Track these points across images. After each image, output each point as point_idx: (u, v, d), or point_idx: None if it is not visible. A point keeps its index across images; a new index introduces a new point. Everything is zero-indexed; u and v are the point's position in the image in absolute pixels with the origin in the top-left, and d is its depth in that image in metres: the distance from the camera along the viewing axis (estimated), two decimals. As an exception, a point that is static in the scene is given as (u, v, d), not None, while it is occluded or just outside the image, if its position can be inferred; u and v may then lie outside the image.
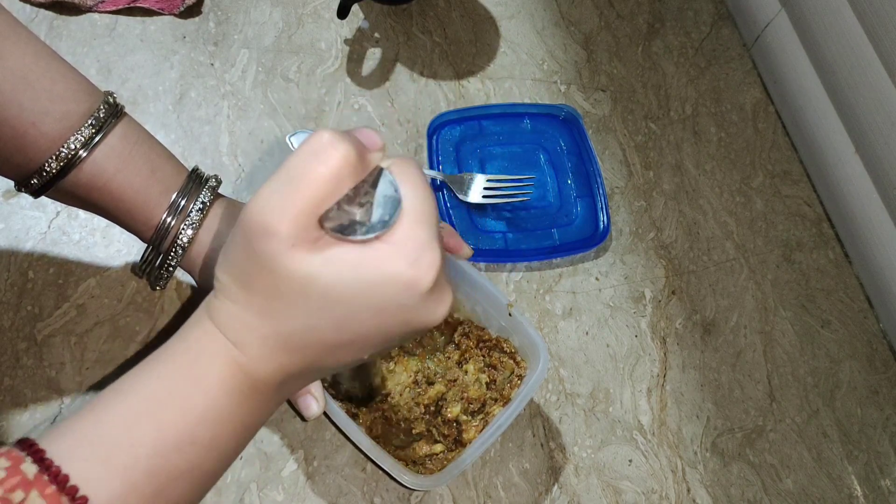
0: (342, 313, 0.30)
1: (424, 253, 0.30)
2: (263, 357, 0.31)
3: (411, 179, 0.31)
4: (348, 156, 0.29)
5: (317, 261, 0.29)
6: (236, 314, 0.31)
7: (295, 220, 0.29)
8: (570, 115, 0.63)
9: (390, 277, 0.29)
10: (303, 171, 0.29)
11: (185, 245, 0.43)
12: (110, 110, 0.41)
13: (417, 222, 0.30)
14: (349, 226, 0.29)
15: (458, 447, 0.49)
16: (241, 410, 0.32)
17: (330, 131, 0.29)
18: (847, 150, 0.63)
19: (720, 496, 0.53)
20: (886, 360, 0.61)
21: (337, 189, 0.29)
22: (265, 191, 0.29)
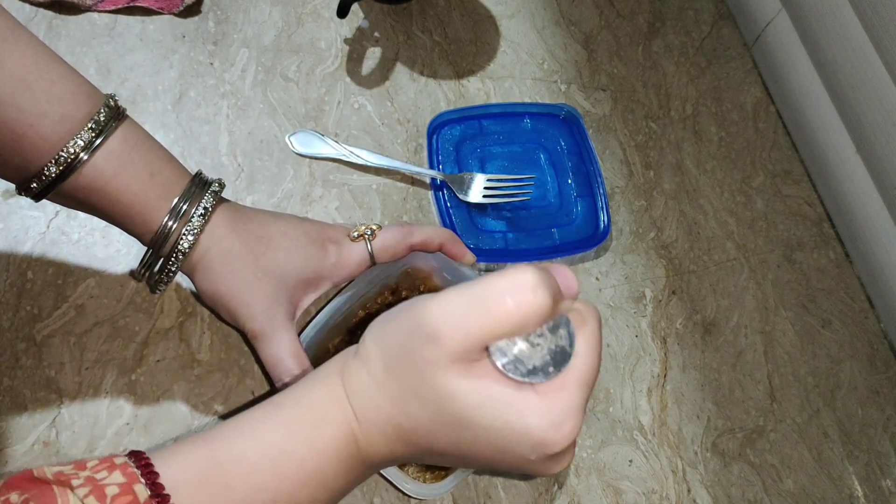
0: (467, 437, 0.30)
1: (570, 419, 0.30)
2: (379, 440, 0.32)
3: (590, 338, 0.31)
4: (544, 305, 0.29)
5: (466, 384, 0.29)
6: (369, 390, 0.31)
7: (465, 340, 0.29)
8: (571, 114, 0.63)
9: (527, 431, 0.29)
10: (494, 301, 0.29)
11: (185, 250, 0.42)
12: (111, 113, 0.41)
13: (578, 385, 0.30)
14: (512, 360, 0.29)
15: None
16: (342, 478, 0.33)
17: (536, 273, 0.29)
18: (848, 149, 0.63)
19: (720, 496, 0.53)
20: (887, 360, 0.61)
21: (519, 330, 0.29)
22: (451, 300, 0.29)
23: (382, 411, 0.31)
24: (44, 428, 0.47)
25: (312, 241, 0.47)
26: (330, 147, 0.58)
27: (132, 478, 0.28)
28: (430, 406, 0.30)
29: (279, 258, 0.45)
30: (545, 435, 0.29)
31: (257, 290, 0.44)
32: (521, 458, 0.30)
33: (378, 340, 0.32)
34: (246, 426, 0.32)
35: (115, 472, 0.28)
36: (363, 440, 0.32)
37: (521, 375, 0.29)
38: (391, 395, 0.31)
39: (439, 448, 0.31)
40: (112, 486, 0.28)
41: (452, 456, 0.32)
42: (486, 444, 0.30)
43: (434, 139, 0.60)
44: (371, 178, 0.59)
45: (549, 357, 0.29)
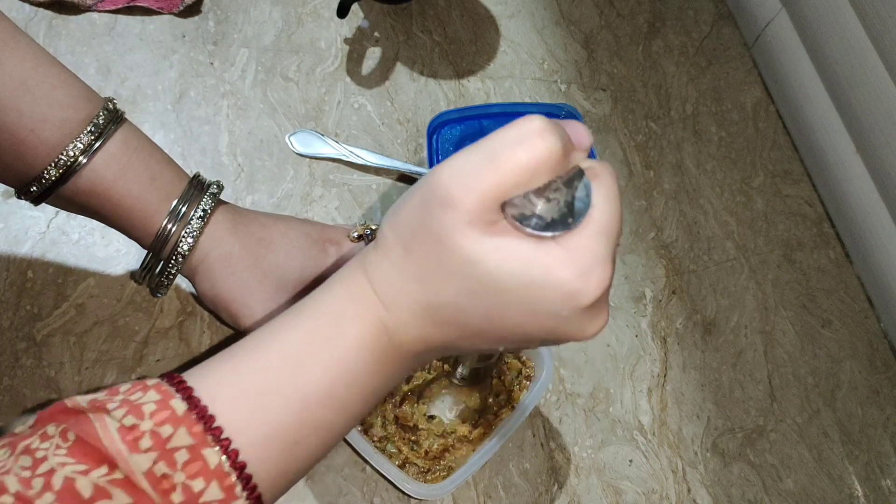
0: (496, 303, 0.29)
1: (597, 267, 0.29)
2: (409, 323, 0.31)
3: (607, 189, 0.30)
4: (554, 150, 0.28)
5: (488, 245, 0.28)
6: (392, 274, 0.31)
7: (480, 198, 0.28)
8: (571, 114, 0.63)
9: (555, 283, 0.28)
10: (504, 153, 0.28)
11: (185, 253, 0.42)
12: (110, 116, 0.41)
13: (600, 234, 0.29)
14: (530, 217, 0.28)
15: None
16: (377, 373, 0.32)
17: (542, 120, 0.28)
18: (848, 149, 0.63)
19: (721, 496, 0.53)
20: (887, 359, 0.61)
21: (532, 180, 0.28)
22: (459, 161, 0.28)
23: (410, 293, 0.30)
24: (44, 428, 0.47)
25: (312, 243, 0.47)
26: (330, 147, 0.58)
27: (167, 395, 0.28)
28: (455, 275, 0.29)
29: (279, 260, 0.45)
30: (573, 285, 0.28)
31: (258, 292, 0.44)
32: (554, 315, 0.29)
33: (393, 224, 0.31)
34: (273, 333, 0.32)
35: (150, 392, 0.29)
36: (393, 327, 0.31)
37: (540, 230, 0.28)
38: (415, 274, 0.30)
39: (471, 322, 0.30)
40: (149, 403, 0.28)
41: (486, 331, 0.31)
42: (516, 306, 0.29)
43: (434, 139, 0.60)
44: (371, 178, 0.59)
45: (566, 209, 0.29)
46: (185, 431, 0.28)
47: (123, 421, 0.27)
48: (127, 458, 0.26)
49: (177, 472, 0.27)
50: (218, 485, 0.28)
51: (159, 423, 0.27)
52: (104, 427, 0.27)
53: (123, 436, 0.27)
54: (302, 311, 0.32)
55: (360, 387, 0.32)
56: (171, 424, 0.28)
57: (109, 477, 0.26)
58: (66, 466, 0.26)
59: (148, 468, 0.27)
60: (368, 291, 0.31)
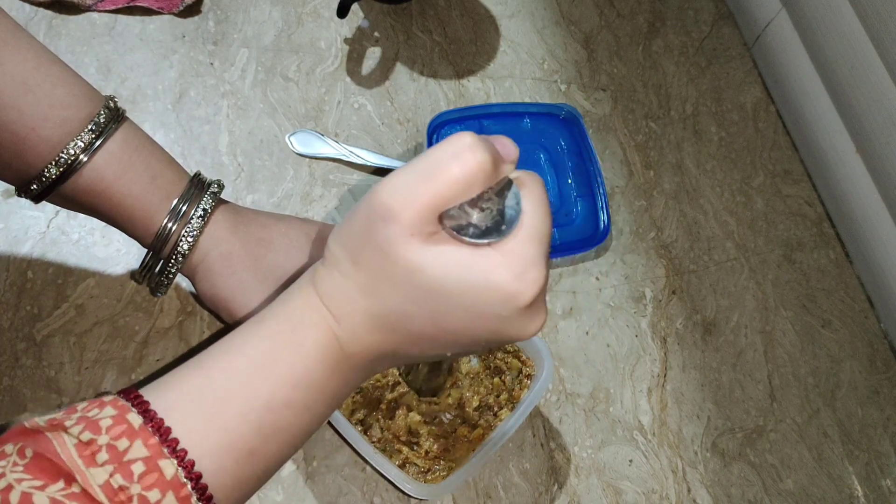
0: (440, 308, 0.31)
1: (531, 269, 0.31)
2: (359, 332, 0.33)
3: (535, 196, 0.32)
4: (484, 163, 0.30)
5: (429, 254, 0.30)
6: (341, 286, 0.32)
7: (419, 211, 0.30)
8: (571, 114, 0.63)
9: (493, 285, 0.30)
10: (438, 168, 0.30)
11: (185, 252, 0.42)
12: (111, 115, 0.41)
13: (532, 238, 0.31)
14: (466, 227, 0.30)
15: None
16: (333, 379, 0.33)
17: (472, 135, 0.30)
18: (848, 149, 0.63)
19: (721, 496, 0.53)
20: (887, 360, 0.61)
21: (466, 192, 0.30)
22: (397, 178, 0.30)
23: (357, 304, 0.32)
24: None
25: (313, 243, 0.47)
26: (330, 147, 0.58)
27: (124, 409, 0.29)
28: (399, 285, 0.31)
29: (279, 260, 0.45)
30: (511, 286, 0.30)
31: (258, 291, 0.44)
32: (495, 317, 0.31)
33: (339, 239, 0.32)
34: (230, 345, 0.33)
35: (107, 408, 0.29)
36: (344, 337, 0.33)
37: (476, 238, 0.30)
38: (362, 285, 0.32)
39: (418, 329, 0.32)
40: (105, 418, 0.29)
41: (433, 337, 0.33)
42: (460, 311, 0.31)
43: (434, 139, 0.60)
44: (371, 178, 0.59)
45: (499, 217, 0.31)
46: (140, 444, 0.28)
47: (81, 437, 0.28)
48: (84, 471, 0.27)
49: (133, 484, 0.28)
50: (174, 495, 0.28)
51: (116, 437, 0.28)
52: (62, 443, 0.28)
53: (81, 451, 0.28)
54: (261, 320, 0.34)
55: (319, 391, 0.33)
56: (127, 438, 0.28)
57: (66, 491, 0.26)
58: (24, 482, 0.26)
59: (104, 481, 0.27)
60: (319, 304, 0.33)
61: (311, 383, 0.33)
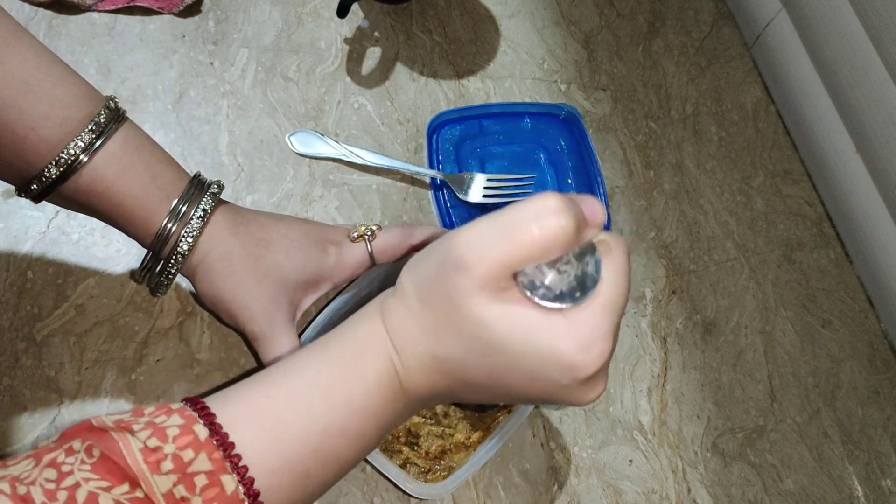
0: (499, 364, 0.31)
1: (598, 342, 0.30)
2: (417, 369, 0.33)
3: (617, 266, 0.32)
4: (567, 229, 0.29)
5: (496, 310, 0.30)
6: (406, 323, 0.32)
7: (492, 268, 0.29)
8: (571, 114, 0.63)
9: (556, 354, 0.30)
10: (519, 227, 0.29)
11: (185, 252, 0.42)
12: (111, 115, 0.41)
13: (605, 310, 0.31)
14: (540, 287, 0.30)
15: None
16: (387, 411, 0.34)
17: (559, 198, 0.30)
18: (848, 149, 0.63)
19: (721, 496, 0.53)
20: (887, 360, 0.61)
21: (545, 255, 0.30)
22: (477, 228, 0.30)
23: (419, 343, 0.32)
24: (44, 428, 0.47)
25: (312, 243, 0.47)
26: (330, 147, 0.58)
27: (191, 420, 0.29)
28: (463, 334, 0.31)
29: (279, 260, 0.45)
30: (574, 358, 0.30)
31: (258, 292, 0.44)
32: (554, 383, 0.31)
33: (412, 275, 0.33)
34: (295, 366, 0.33)
35: (174, 416, 0.30)
36: (403, 373, 0.33)
37: (548, 301, 0.30)
38: (426, 326, 0.32)
39: (474, 378, 0.32)
40: (172, 427, 0.29)
41: (488, 388, 0.33)
42: (518, 370, 0.31)
43: (434, 139, 0.60)
44: (371, 178, 0.59)
45: (575, 283, 0.30)
46: (205, 457, 0.29)
47: (147, 442, 0.28)
48: (149, 478, 0.27)
49: (195, 497, 0.28)
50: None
51: (182, 447, 0.28)
52: (128, 446, 0.28)
53: (146, 456, 0.28)
54: (326, 344, 0.34)
55: (375, 421, 0.33)
56: (192, 449, 0.29)
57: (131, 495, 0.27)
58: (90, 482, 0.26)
59: (168, 490, 0.27)
60: (383, 335, 0.33)
61: (368, 413, 0.33)
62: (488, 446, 0.47)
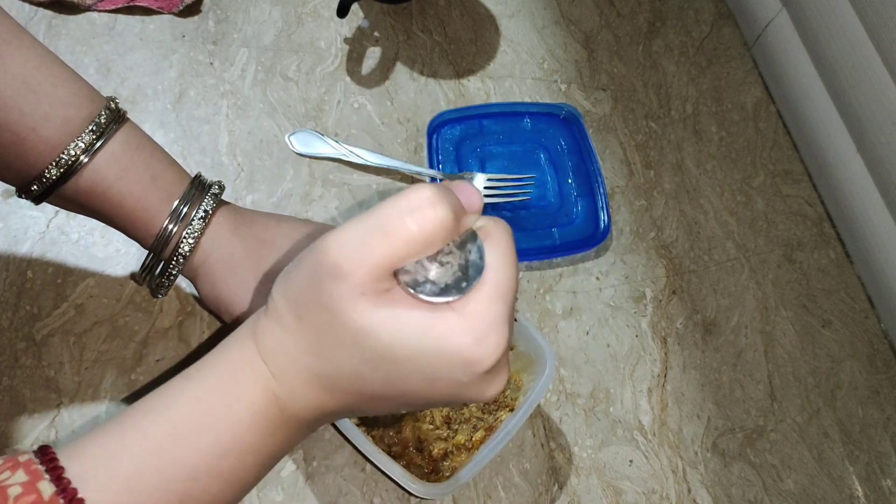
0: (393, 371, 0.29)
1: (493, 332, 0.28)
2: (302, 392, 0.30)
3: (501, 248, 0.30)
4: (445, 219, 0.28)
5: (380, 315, 0.28)
6: (283, 343, 0.30)
7: (371, 270, 0.27)
8: (571, 114, 0.63)
9: (452, 351, 0.28)
10: (393, 224, 0.27)
11: (186, 254, 0.42)
12: (112, 116, 0.41)
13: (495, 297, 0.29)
14: (423, 283, 0.28)
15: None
16: (268, 442, 0.31)
17: (432, 189, 0.28)
18: (848, 149, 0.63)
19: (721, 496, 0.53)
20: (888, 360, 0.61)
21: (424, 249, 0.28)
22: (348, 231, 0.28)
23: (301, 363, 0.30)
24: (43, 428, 0.47)
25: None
26: (330, 147, 0.58)
27: (36, 475, 0.27)
28: (348, 346, 0.28)
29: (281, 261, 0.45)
30: (470, 352, 0.28)
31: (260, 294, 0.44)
32: (454, 382, 0.29)
33: (284, 291, 0.30)
34: (154, 404, 0.30)
35: (19, 471, 0.27)
36: (285, 397, 0.30)
37: (434, 296, 0.28)
38: (308, 344, 0.29)
39: (371, 391, 0.30)
40: (15, 486, 0.27)
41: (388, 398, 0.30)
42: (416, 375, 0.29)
43: (434, 139, 0.60)
44: (371, 177, 0.59)
45: (460, 273, 0.28)
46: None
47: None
48: None
49: None
50: None
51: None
52: None
53: None
54: (190, 379, 0.31)
55: (251, 457, 0.31)
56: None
57: None
58: None
59: None
60: (258, 362, 0.30)
61: (242, 450, 0.30)
62: (490, 446, 0.47)
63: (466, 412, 0.50)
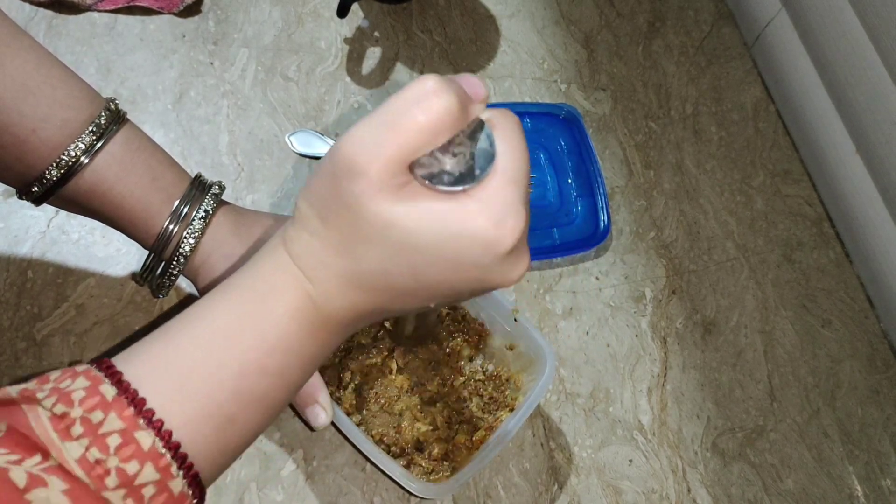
0: (419, 261, 0.30)
1: (510, 214, 0.29)
2: (335, 293, 0.31)
3: (509, 136, 0.31)
4: (451, 107, 0.28)
5: (401, 207, 0.29)
6: (313, 247, 0.31)
7: (386, 164, 0.28)
8: (571, 114, 0.63)
9: (473, 234, 0.29)
10: (402, 117, 0.28)
11: (186, 254, 0.42)
12: (111, 117, 0.41)
13: (508, 181, 0.30)
14: (439, 174, 0.29)
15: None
16: (309, 343, 0.32)
17: (435, 78, 0.29)
18: (848, 149, 0.63)
19: (720, 496, 0.53)
20: (887, 359, 0.61)
21: (434, 139, 0.29)
22: (359, 129, 0.29)
23: (331, 264, 0.31)
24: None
25: None
26: (330, 147, 0.58)
27: (96, 380, 0.29)
28: (374, 241, 0.29)
29: None
30: (490, 233, 0.29)
31: None
32: (477, 266, 0.30)
33: (307, 198, 0.31)
34: (200, 311, 0.32)
35: (79, 378, 0.29)
36: (320, 299, 0.31)
37: (450, 185, 0.29)
38: (335, 245, 0.30)
39: (399, 285, 0.31)
40: (78, 390, 0.28)
41: (414, 291, 0.31)
42: (439, 262, 0.30)
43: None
44: (371, 177, 0.59)
45: (472, 161, 0.29)
46: (115, 416, 0.28)
47: (54, 409, 0.27)
48: (59, 447, 0.27)
49: (110, 457, 0.27)
50: (153, 466, 0.28)
51: (89, 410, 0.28)
52: (36, 417, 0.27)
53: (55, 424, 0.27)
54: (229, 287, 0.32)
55: (296, 355, 0.32)
56: (101, 410, 0.28)
57: (43, 465, 0.26)
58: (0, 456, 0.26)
59: (80, 455, 0.27)
60: (291, 266, 0.32)
61: (286, 349, 0.32)
62: (490, 446, 0.47)
63: (467, 412, 0.50)
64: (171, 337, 0.31)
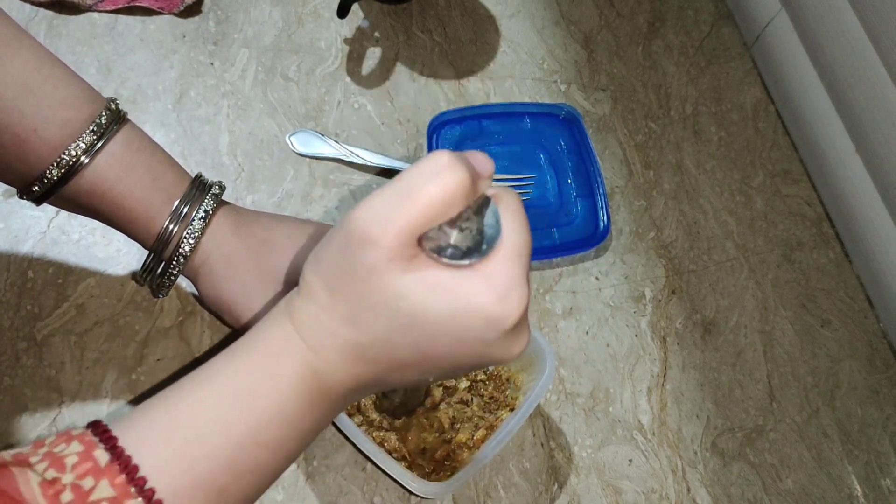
0: (423, 334, 0.30)
1: (514, 290, 0.30)
2: (339, 364, 0.32)
3: (514, 213, 0.31)
4: (463, 182, 0.29)
5: (411, 279, 0.29)
6: (318, 318, 0.31)
7: (398, 235, 0.29)
8: (571, 114, 0.63)
9: (477, 310, 0.30)
10: (416, 189, 0.29)
11: (186, 254, 0.42)
12: (112, 116, 0.41)
13: (513, 257, 0.30)
14: (446, 248, 0.30)
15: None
16: (308, 415, 0.33)
17: (449, 154, 0.29)
18: (847, 149, 0.63)
19: (720, 496, 0.53)
20: (887, 359, 0.61)
21: (446, 212, 0.29)
22: (374, 201, 0.29)
23: (338, 335, 0.31)
24: (44, 427, 0.47)
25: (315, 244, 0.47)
26: (330, 147, 0.58)
27: (91, 445, 0.28)
28: (382, 312, 0.30)
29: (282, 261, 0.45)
30: (494, 309, 0.29)
31: (261, 294, 0.44)
32: (480, 341, 0.30)
33: (315, 269, 0.32)
34: (200, 378, 0.32)
35: (73, 443, 0.29)
36: (322, 369, 0.32)
37: (457, 259, 0.30)
38: (342, 316, 0.31)
39: (401, 357, 0.31)
40: (72, 455, 0.28)
41: (416, 363, 0.32)
42: (443, 337, 0.30)
43: (434, 139, 0.60)
44: (371, 178, 0.59)
45: (479, 237, 0.30)
46: (107, 483, 0.27)
47: (45, 474, 0.27)
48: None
49: None
50: None
51: (81, 476, 0.27)
52: (26, 482, 0.27)
53: (45, 490, 0.27)
54: (236, 353, 0.33)
55: (294, 427, 0.32)
56: (92, 476, 0.27)
57: None
58: None
59: None
60: (294, 337, 0.32)
61: (284, 420, 0.32)
62: (491, 445, 0.47)
63: (469, 411, 0.51)
64: (175, 401, 0.31)
